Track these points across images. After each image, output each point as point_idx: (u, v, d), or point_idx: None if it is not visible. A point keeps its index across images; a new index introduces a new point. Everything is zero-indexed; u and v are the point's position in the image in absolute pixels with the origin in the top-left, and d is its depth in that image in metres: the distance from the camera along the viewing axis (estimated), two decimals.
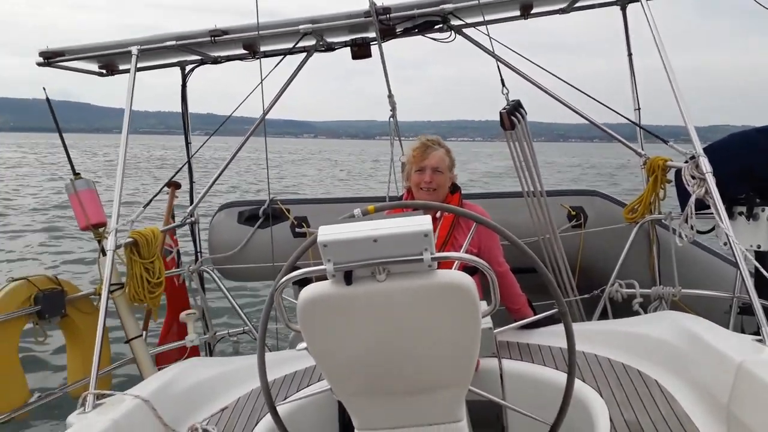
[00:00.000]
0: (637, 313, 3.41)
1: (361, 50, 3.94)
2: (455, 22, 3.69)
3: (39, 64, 3.75)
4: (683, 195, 3.12)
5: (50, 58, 3.73)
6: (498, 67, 3.41)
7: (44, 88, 3.38)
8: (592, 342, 2.70)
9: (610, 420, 2.12)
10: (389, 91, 4.00)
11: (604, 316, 3.62)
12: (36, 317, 3.12)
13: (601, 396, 2.29)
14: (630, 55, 4.17)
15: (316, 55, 4.01)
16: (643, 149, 3.84)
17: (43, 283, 3.18)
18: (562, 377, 2.05)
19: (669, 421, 2.09)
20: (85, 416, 2.33)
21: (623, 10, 3.96)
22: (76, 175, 3.31)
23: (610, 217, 3.99)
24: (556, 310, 1.75)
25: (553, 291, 1.72)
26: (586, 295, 3.74)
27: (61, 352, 4.67)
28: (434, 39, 3.83)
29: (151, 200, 3.72)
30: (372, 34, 3.84)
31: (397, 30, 3.75)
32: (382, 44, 3.71)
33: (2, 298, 2.98)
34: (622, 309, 3.55)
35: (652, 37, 3.15)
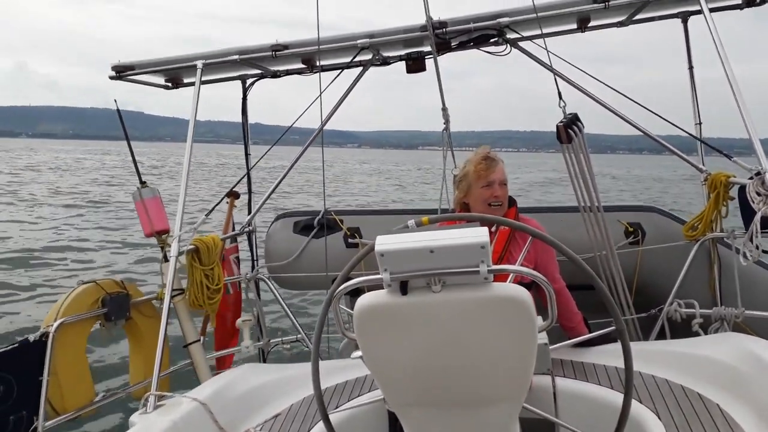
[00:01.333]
0: (696, 334, 3.30)
1: (416, 64, 3.99)
2: (511, 36, 3.69)
3: (111, 78, 3.96)
4: (747, 212, 3.02)
5: (121, 72, 3.94)
6: (555, 80, 3.39)
7: (116, 101, 3.56)
8: (649, 362, 2.63)
9: None
10: (443, 104, 4.03)
11: (661, 336, 3.52)
12: (103, 319, 3.27)
13: (659, 418, 2.22)
14: (691, 68, 4.06)
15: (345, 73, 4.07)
16: (703, 164, 3.73)
17: (111, 287, 3.33)
18: (618, 397, 2.00)
19: None
20: (147, 417, 2.42)
21: (684, 22, 3.87)
22: (143, 183, 3.46)
23: (669, 235, 3.88)
24: (613, 328, 1.72)
25: (611, 308, 1.68)
26: (643, 314, 3.64)
27: (123, 353, 4.87)
28: (489, 52, 3.84)
29: (212, 209, 3.86)
30: (427, 48, 3.88)
31: (453, 43, 3.78)
32: (437, 57, 3.75)
33: (73, 300, 3.13)
34: (681, 329, 3.44)
35: (715, 49, 3.07)
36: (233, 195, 4.38)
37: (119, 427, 4.17)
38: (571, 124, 3.25)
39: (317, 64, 4.04)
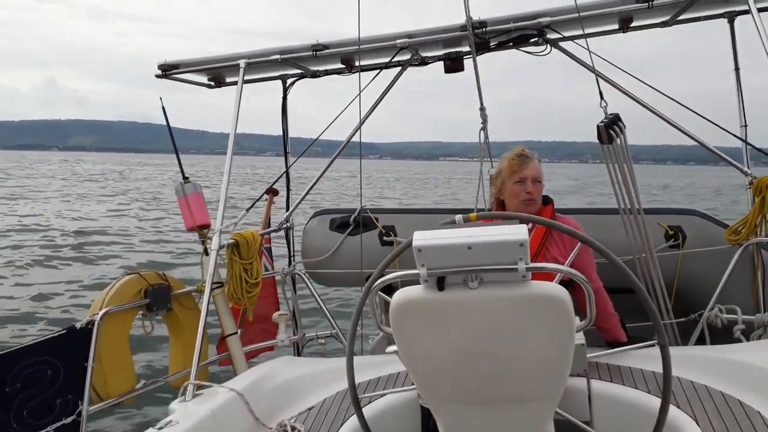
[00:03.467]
0: (738, 341, 3.22)
1: (454, 64, 3.98)
2: (551, 36, 3.66)
3: (157, 76, 4.07)
4: None
5: (167, 71, 4.05)
6: (597, 80, 3.35)
7: (162, 105, 3.66)
8: (688, 367, 2.58)
9: None
10: (481, 104, 4.00)
11: (701, 341, 3.44)
12: (145, 309, 3.37)
13: (698, 425, 2.18)
14: (737, 69, 3.96)
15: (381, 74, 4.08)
16: (749, 168, 3.64)
17: (153, 278, 3.42)
18: (654, 402, 1.98)
19: None
20: (186, 405, 2.49)
21: (731, 22, 3.77)
22: (185, 179, 3.55)
23: (711, 238, 3.78)
24: (654, 342, 1.68)
25: (654, 320, 1.65)
26: (682, 319, 3.57)
27: (163, 343, 5.01)
28: (529, 53, 3.81)
29: (252, 205, 3.94)
30: (465, 48, 3.88)
31: (492, 43, 3.77)
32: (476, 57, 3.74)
33: (118, 290, 3.23)
34: (721, 335, 3.36)
35: (764, 50, 2.99)
36: (272, 192, 4.47)
37: (159, 414, 4.28)
38: (612, 124, 3.21)
39: (356, 64, 4.07)
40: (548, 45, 3.67)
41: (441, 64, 4.02)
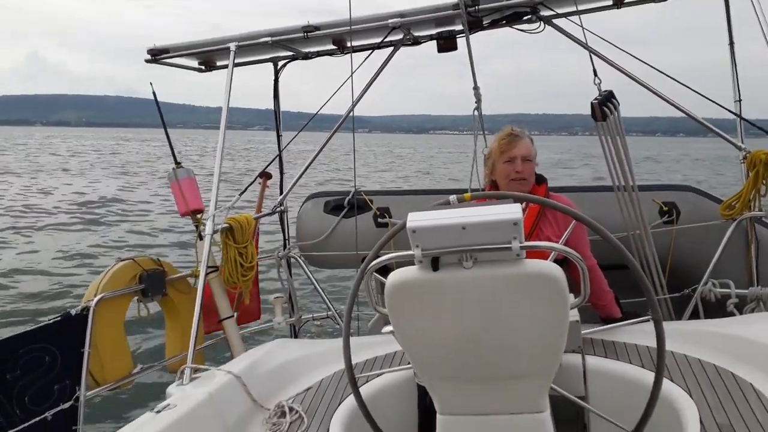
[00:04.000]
0: (731, 314, 3.25)
1: (447, 43, 3.95)
2: (545, 13, 3.63)
3: (147, 61, 4.02)
4: None
5: (156, 55, 3.99)
6: (591, 58, 3.34)
7: (151, 84, 3.62)
8: (681, 341, 2.61)
9: (701, 422, 2.04)
10: (475, 83, 3.99)
11: (694, 316, 3.47)
12: (140, 295, 3.37)
13: (691, 397, 2.21)
14: (731, 43, 3.94)
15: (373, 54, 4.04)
16: (743, 143, 3.64)
17: (147, 264, 3.42)
18: (649, 376, 2.00)
19: (765, 426, 1.99)
20: (183, 388, 2.50)
21: None
22: (178, 164, 3.52)
23: (705, 214, 3.80)
24: (648, 318, 1.69)
25: (649, 296, 1.65)
26: (676, 294, 3.60)
27: (159, 328, 5.01)
28: (522, 30, 3.78)
29: (245, 189, 3.92)
30: (458, 27, 3.84)
31: (485, 22, 3.73)
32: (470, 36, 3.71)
33: (112, 276, 3.22)
34: (715, 310, 3.39)
35: (759, 24, 2.98)
36: (266, 175, 4.44)
37: (156, 397, 4.31)
38: (605, 101, 3.20)
39: (348, 44, 4.03)
40: (542, 22, 3.64)
41: (434, 43, 3.99)
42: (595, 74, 3.25)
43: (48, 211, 17.41)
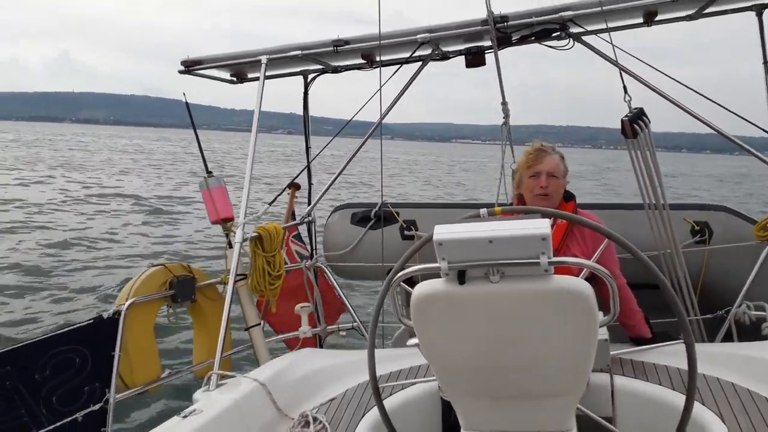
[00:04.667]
0: (766, 338, 3.17)
1: (475, 58, 3.96)
2: (574, 30, 3.62)
3: (180, 72, 4.11)
4: None
5: (190, 66, 4.09)
6: (621, 75, 3.32)
7: (184, 94, 3.70)
8: (714, 364, 2.54)
9: None
10: (503, 98, 3.99)
11: (727, 339, 3.39)
12: (170, 300, 3.42)
13: (723, 422, 2.15)
14: (766, 62, 3.87)
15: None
16: None
17: (178, 270, 3.48)
18: (679, 399, 1.96)
19: None
20: (209, 394, 2.53)
21: (759, 15, 3.69)
22: (209, 173, 3.59)
23: (738, 234, 3.73)
24: (681, 341, 1.66)
25: (680, 317, 1.62)
26: (708, 316, 3.52)
27: (187, 334, 5.10)
28: (551, 47, 3.77)
29: (275, 199, 3.99)
30: (487, 42, 3.86)
31: (514, 38, 3.74)
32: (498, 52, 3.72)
33: (144, 281, 3.29)
34: (749, 333, 3.31)
35: None
36: (294, 186, 4.50)
37: (183, 403, 4.37)
38: (636, 118, 3.18)
39: (377, 59, 4.08)
40: (571, 39, 3.63)
41: (462, 58, 4.01)
42: (625, 91, 3.23)
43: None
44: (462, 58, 4.01)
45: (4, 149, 43.45)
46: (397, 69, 4.08)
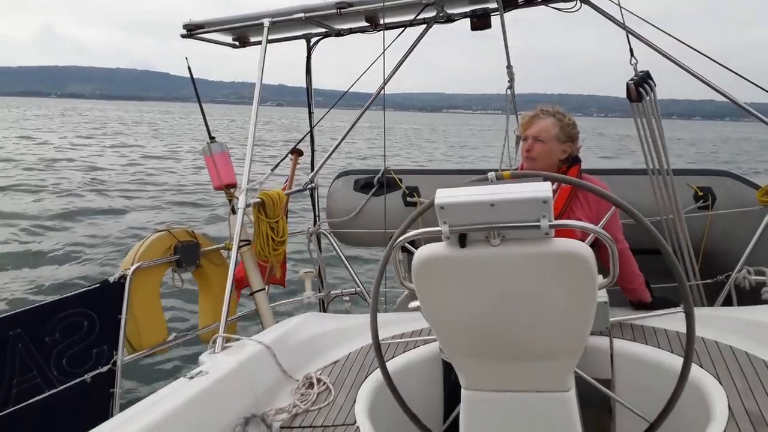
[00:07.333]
0: (765, 302, 3.19)
1: (481, 21, 3.90)
2: None
3: (183, 36, 4.06)
4: None
5: (192, 30, 4.04)
6: (627, 37, 3.27)
7: (186, 58, 3.66)
8: (713, 328, 2.57)
9: (729, 408, 2.03)
10: (508, 62, 3.95)
11: (727, 303, 3.42)
12: (175, 265, 3.46)
13: (720, 383, 2.19)
14: None
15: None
16: None
17: (182, 236, 3.50)
18: (677, 362, 1.98)
19: None
20: (215, 356, 2.57)
21: None
22: (212, 138, 3.59)
23: (741, 200, 3.71)
24: (680, 309, 1.67)
25: (680, 283, 1.63)
26: (709, 280, 3.54)
27: (193, 298, 5.16)
28: (558, 9, 3.71)
29: (277, 165, 3.98)
30: (493, 5, 3.79)
31: (520, 0, 3.68)
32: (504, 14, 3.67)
33: (149, 246, 3.32)
34: (749, 298, 3.33)
35: None
36: (297, 152, 4.48)
37: (189, 365, 4.46)
38: (642, 82, 3.14)
39: (381, 21, 4.02)
40: (578, 1, 3.57)
41: (467, 21, 3.95)
42: (632, 54, 3.19)
43: None
44: (467, 22, 3.95)
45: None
46: (401, 32, 4.03)
